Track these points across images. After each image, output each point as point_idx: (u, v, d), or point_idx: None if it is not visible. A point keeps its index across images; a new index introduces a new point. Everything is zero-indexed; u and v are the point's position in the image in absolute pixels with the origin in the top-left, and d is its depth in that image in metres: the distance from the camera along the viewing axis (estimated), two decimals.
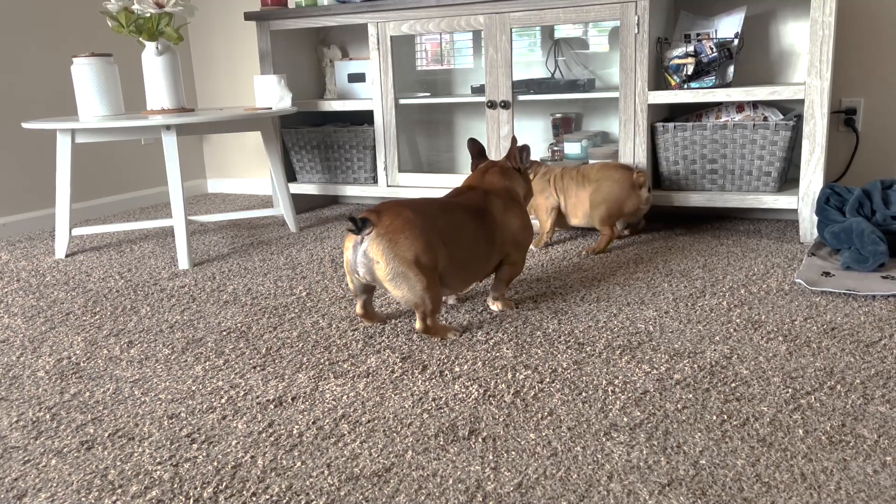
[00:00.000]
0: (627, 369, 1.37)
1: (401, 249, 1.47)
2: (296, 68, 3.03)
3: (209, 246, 2.52)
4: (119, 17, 2.30)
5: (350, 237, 1.52)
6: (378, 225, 1.47)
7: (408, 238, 1.47)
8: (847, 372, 1.32)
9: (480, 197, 1.67)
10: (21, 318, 1.83)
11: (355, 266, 1.51)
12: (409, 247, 1.47)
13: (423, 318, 1.54)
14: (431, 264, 1.50)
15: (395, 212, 1.49)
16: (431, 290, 1.50)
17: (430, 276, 1.49)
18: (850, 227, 1.90)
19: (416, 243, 1.48)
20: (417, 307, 1.52)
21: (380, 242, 1.46)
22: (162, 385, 1.39)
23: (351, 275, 1.55)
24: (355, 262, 1.51)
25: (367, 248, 1.48)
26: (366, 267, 1.49)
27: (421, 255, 1.48)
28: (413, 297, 1.50)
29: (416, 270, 1.47)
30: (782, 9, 2.46)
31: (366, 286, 1.58)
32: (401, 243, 1.47)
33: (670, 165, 2.40)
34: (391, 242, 1.46)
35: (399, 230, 1.47)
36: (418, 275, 1.48)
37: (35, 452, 1.16)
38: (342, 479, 1.05)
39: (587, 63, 2.75)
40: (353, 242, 1.51)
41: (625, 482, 1.01)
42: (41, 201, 2.97)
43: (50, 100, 2.99)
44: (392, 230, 1.47)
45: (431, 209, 1.55)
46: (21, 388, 1.41)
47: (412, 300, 1.50)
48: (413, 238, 1.48)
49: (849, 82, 2.48)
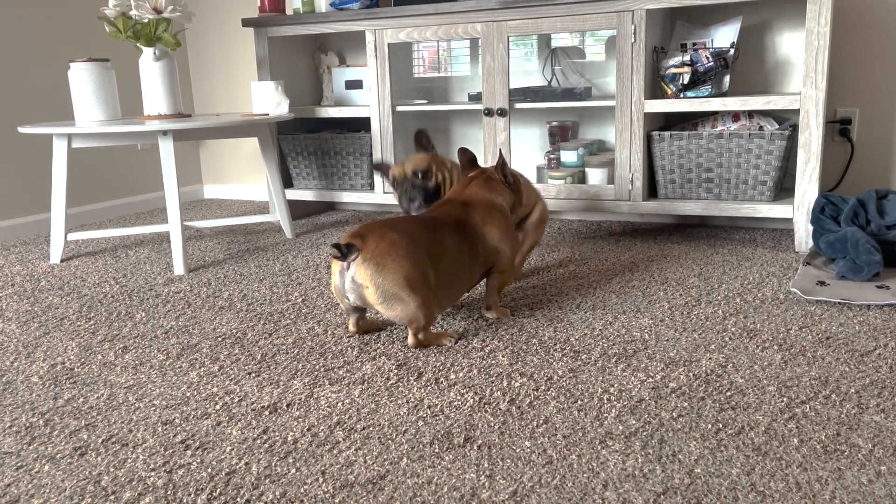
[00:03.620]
0: (623, 377, 1.37)
1: (389, 272, 1.46)
2: (293, 75, 3.03)
3: (205, 252, 2.52)
4: (117, 23, 2.30)
5: (336, 263, 1.51)
6: (364, 249, 1.46)
7: (395, 260, 1.46)
8: (842, 381, 1.32)
9: (458, 209, 1.67)
10: (15, 322, 1.82)
11: (344, 292, 1.51)
12: (397, 269, 1.46)
13: (415, 333, 1.53)
14: (422, 281, 1.49)
15: (378, 234, 1.48)
16: (425, 306, 1.50)
17: (422, 293, 1.49)
18: (844, 236, 1.91)
19: (404, 263, 1.47)
20: (411, 324, 1.51)
21: (367, 267, 1.46)
22: (156, 391, 1.39)
23: (340, 299, 1.55)
24: (343, 287, 1.50)
25: (355, 274, 1.47)
26: (355, 292, 1.49)
27: (410, 274, 1.47)
28: (407, 316, 1.49)
29: (407, 291, 1.47)
30: (778, 19, 2.47)
31: (357, 308, 1.58)
32: (388, 266, 1.46)
33: (666, 174, 2.40)
34: (378, 266, 1.45)
35: (385, 253, 1.46)
36: (410, 294, 1.47)
37: (28, 458, 1.16)
38: (337, 486, 1.05)
39: (584, 72, 2.76)
40: (339, 268, 1.50)
41: (620, 490, 1.01)
42: (37, 206, 2.97)
43: (47, 104, 2.98)
44: (378, 253, 1.46)
45: (413, 227, 1.55)
46: (15, 393, 1.40)
47: (405, 318, 1.50)
48: (400, 259, 1.47)
49: (844, 92, 2.49)
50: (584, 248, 2.37)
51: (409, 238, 1.51)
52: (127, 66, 3.30)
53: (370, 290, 1.46)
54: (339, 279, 1.51)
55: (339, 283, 1.51)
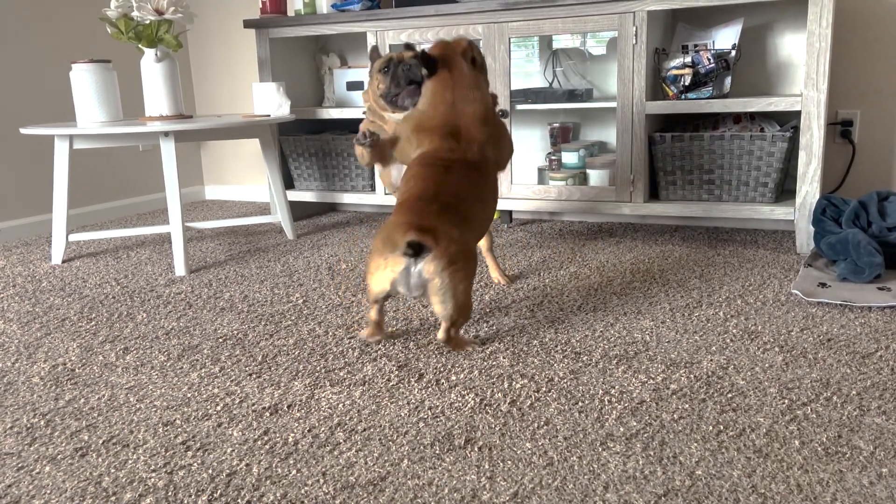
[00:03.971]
0: (624, 379, 1.37)
1: (459, 273, 1.48)
2: (294, 76, 3.03)
3: (206, 253, 2.52)
4: (118, 24, 2.31)
5: (399, 260, 1.48)
6: (436, 250, 1.46)
7: (466, 262, 1.49)
8: (843, 383, 1.32)
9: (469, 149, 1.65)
10: (16, 323, 1.82)
11: (408, 286, 1.49)
12: (466, 272, 1.50)
13: (450, 328, 1.53)
14: (473, 277, 1.53)
15: (448, 235, 1.48)
16: (470, 303, 1.54)
17: (471, 289, 1.53)
18: (846, 238, 1.90)
19: (471, 266, 1.51)
20: (455, 321, 1.52)
21: (439, 264, 1.46)
22: (157, 392, 1.39)
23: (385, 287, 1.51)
24: (404, 280, 1.48)
25: (424, 270, 1.46)
26: (419, 285, 1.48)
27: (472, 277, 1.52)
28: (456, 313, 1.50)
29: (466, 291, 1.50)
30: (779, 21, 2.47)
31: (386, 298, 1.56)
32: (459, 266, 1.48)
33: (667, 176, 2.40)
34: (450, 265, 1.46)
35: (456, 255, 1.48)
36: (466, 294, 1.50)
37: (29, 459, 1.16)
38: (337, 487, 1.05)
39: (585, 73, 2.76)
40: (403, 265, 1.47)
41: (621, 492, 1.01)
42: (38, 207, 2.97)
43: (48, 105, 2.99)
44: (451, 254, 1.47)
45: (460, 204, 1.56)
46: (16, 394, 1.40)
47: (454, 314, 1.50)
48: (469, 261, 1.51)
49: (845, 94, 2.49)
50: (585, 250, 2.37)
51: (465, 229, 1.54)
52: (129, 68, 3.31)
53: (436, 284, 1.47)
54: (401, 275, 1.48)
55: (399, 277, 1.48)
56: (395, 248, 1.47)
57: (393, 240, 1.47)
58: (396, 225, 1.49)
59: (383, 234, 1.51)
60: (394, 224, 1.50)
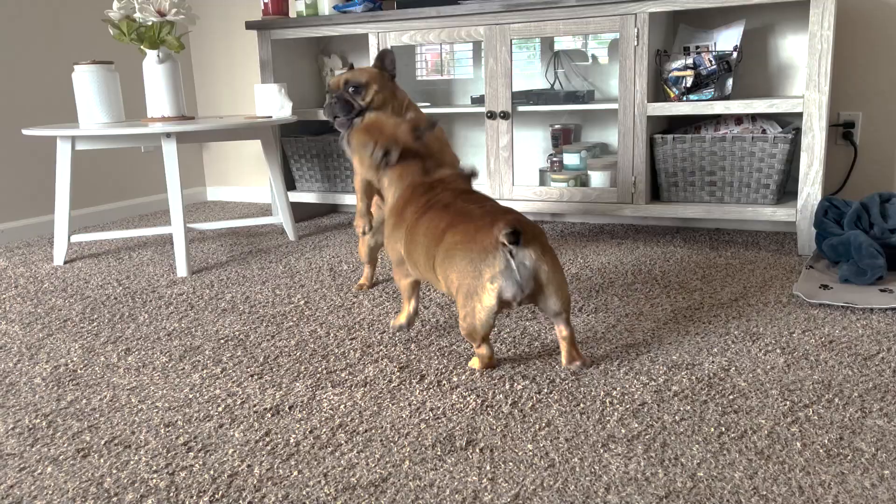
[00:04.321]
0: (625, 380, 1.37)
1: (549, 248, 1.38)
2: (296, 77, 3.04)
3: (208, 254, 2.52)
4: (121, 26, 2.31)
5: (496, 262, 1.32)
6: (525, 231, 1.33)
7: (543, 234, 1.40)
8: (845, 385, 1.32)
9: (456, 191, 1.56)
10: (18, 324, 1.83)
11: (519, 285, 1.33)
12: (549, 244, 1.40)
13: (568, 319, 1.41)
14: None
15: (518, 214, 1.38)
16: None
17: None
18: (848, 240, 1.90)
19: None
20: (568, 305, 1.40)
21: (537, 243, 1.34)
22: (159, 393, 1.39)
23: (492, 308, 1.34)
24: (515, 281, 1.32)
25: (530, 253, 1.33)
26: (532, 274, 1.33)
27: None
28: (568, 295, 1.39)
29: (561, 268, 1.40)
30: (781, 22, 2.47)
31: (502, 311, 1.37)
32: (546, 242, 1.38)
33: (669, 177, 2.40)
34: (542, 237, 1.37)
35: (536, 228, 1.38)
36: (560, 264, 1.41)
37: (31, 460, 1.16)
38: (339, 488, 1.05)
39: (587, 75, 2.76)
40: (503, 263, 1.32)
41: (622, 494, 1.01)
42: (40, 208, 2.97)
43: (50, 106, 2.99)
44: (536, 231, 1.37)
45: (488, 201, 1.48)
46: (18, 394, 1.41)
47: (566, 299, 1.38)
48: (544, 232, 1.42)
49: (847, 96, 2.49)
50: (587, 251, 2.37)
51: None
52: (131, 69, 3.31)
53: (547, 263, 1.34)
54: (502, 272, 1.32)
55: (502, 282, 1.32)
56: (487, 251, 1.33)
57: (483, 244, 1.33)
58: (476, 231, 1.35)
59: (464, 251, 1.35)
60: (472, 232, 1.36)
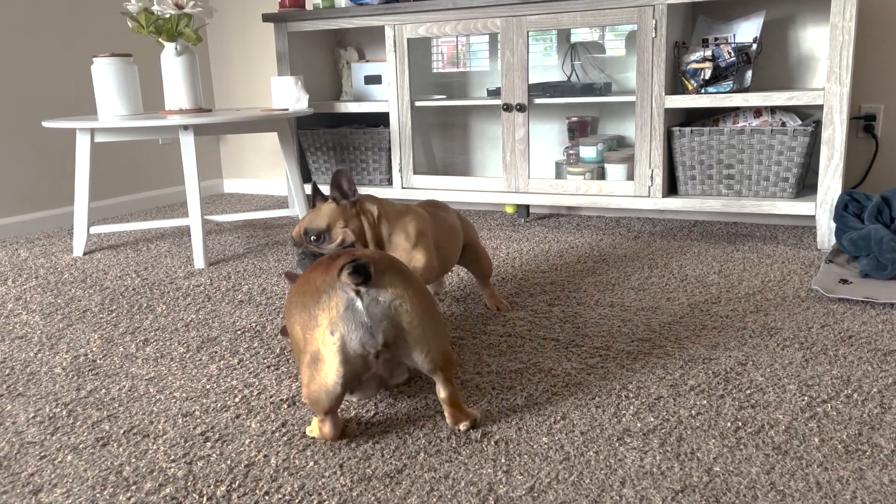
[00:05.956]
0: (641, 374, 1.36)
1: (417, 282, 1.10)
2: (312, 70, 3.04)
3: (225, 245, 2.54)
4: (139, 18, 2.32)
5: (335, 293, 1.05)
6: (377, 263, 1.09)
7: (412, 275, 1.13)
8: (864, 380, 1.31)
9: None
10: (39, 314, 1.85)
11: (367, 322, 1.05)
12: (419, 283, 1.12)
13: (449, 379, 1.14)
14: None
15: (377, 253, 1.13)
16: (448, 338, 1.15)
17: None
18: (868, 234, 1.88)
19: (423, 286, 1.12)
20: (447, 364, 1.12)
21: (392, 274, 1.08)
22: (177, 383, 1.40)
23: (348, 352, 1.05)
24: (365, 320, 1.05)
25: (381, 291, 1.06)
26: (388, 315, 1.06)
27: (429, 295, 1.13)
28: (445, 349, 1.12)
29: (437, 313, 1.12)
30: (802, 13, 2.44)
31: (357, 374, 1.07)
32: (413, 279, 1.10)
33: (686, 170, 2.39)
34: (407, 274, 1.10)
35: (400, 263, 1.13)
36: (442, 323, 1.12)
37: (51, 448, 1.17)
38: (354, 479, 1.05)
39: (604, 67, 2.74)
40: (346, 297, 1.05)
41: (637, 488, 1.01)
42: (60, 199, 3.00)
43: (70, 99, 3.02)
44: (396, 263, 1.11)
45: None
46: (38, 384, 1.42)
47: (442, 353, 1.11)
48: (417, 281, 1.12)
49: (868, 88, 2.46)
50: (603, 245, 2.36)
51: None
52: (149, 62, 3.33)
53: (412, 301, 1.07)
54: (346, 316, 1.04)
55: (346, 320, 1.04)
56: (321, 290, 1.06)
57: (316, 283, 1.07)
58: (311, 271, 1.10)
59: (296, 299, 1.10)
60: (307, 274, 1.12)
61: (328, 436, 1.14)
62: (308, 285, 1.09)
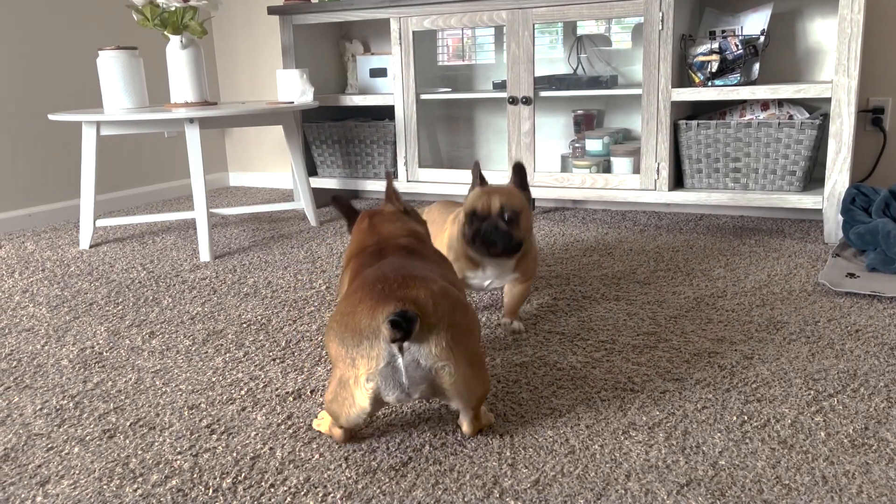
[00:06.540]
0: (647, 368, 1.36)
1: (465, 334, 1.04)
2: (318, 63, 3.04)
3: (230, 239, 2.54)
4: (144, 11, 2.32)
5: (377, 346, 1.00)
6: (425, 314, 1.01)
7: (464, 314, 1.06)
8: (871, 375, 1.30)
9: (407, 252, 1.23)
10: (46, 307, 1.86)
11: (405, 387, 1.02)
12: (468, 326, 1.06)
13: (477, 415, 1.13)
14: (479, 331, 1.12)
15: (426, 288, 1.04)
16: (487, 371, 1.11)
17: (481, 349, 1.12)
18: (875, 228, 1.87)
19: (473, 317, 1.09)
20: (481, 402, 1.10)
21: (441, 336, 1.01)
22: (183, 376, 1.41)
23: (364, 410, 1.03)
24: (403, 381, 1.01)
25: (424, 352, 1.00)
26: (427, 378, 1.02)
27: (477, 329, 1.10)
28: (483, 391, 1.08)
29: (481, 355, 1.08)
30: (810, 6, 2.43)
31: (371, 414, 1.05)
32: (462, 325, 1.04)
33: (693, 164, 2.38)
34: (455, 328, 1.03)
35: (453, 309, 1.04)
36: (483, 361, 1.09)
37: (58, 440, 1.18)
38: (360, 472, 1.06)
39: (610, 59, 2.73)
40: (388, 353, 1.00)
41: (643, 481, 1.01)
42: (66, 192, 3.01)
43: (76, 92, 3.02)
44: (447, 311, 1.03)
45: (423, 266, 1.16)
46: (45, 376, 1.43)
47: (479, 398, 1.08)
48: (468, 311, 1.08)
49: (877, 81, 2.44)
50: (609, 238, 2.35)
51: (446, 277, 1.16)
52: (154, 55, 3.33)
53: (449, 370, 1.01)
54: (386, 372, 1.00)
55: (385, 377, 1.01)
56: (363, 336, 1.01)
57: (358, 326, 1.01)
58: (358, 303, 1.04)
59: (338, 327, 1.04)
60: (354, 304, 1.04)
61: (338, 439, 1.14)
62: (353, 319, 1.02)
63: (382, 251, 1.23)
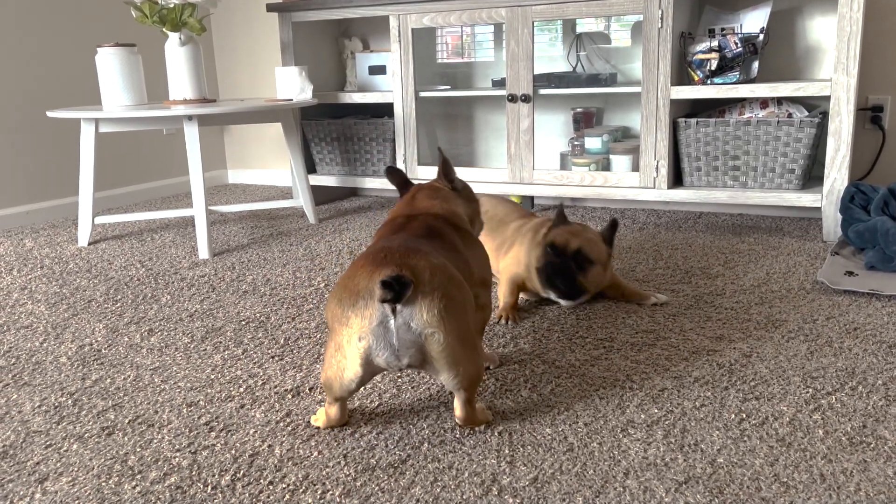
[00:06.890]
0: (645, 366, 1.36)
1: (458, 308, 1.07)
2: (317, 60, 3.03)
3: (229, 236, 2.54)
4: (143, 8, 2.32)
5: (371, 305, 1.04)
6: (420, 281, 1.05)
7: (461, 292, 1.09)
8: (869, 373, 1.30)
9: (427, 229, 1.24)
10: (44, 304, 1.85)
11: (395, 349, 1.04)
12: (462, 302, 1.09)
13: (470, 399, 1.13)
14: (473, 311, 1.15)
15: (426, 258, 1.08)
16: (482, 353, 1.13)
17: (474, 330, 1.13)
18: (874, 226, 1.87)
19: (465, 292, 1.10)
20: (472, 385, 1.11)
21: (433, 303, 1.04)
22: (181, 373, 1.41)
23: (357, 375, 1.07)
24: (394, 342, 1.04)
25: (414, 317, 1.03)
26: (416, 343, 1.04)
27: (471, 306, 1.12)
28: (474, 373, 1.09)
29: (474, 337, 1.11)
30: (809, 4, 2.42)
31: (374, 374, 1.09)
32: (456, 299, 1.07)
33: (692, 162, 2.38)
34: (448, 300, 1.05)
35: (448, 282, 1.07)
36: (477, 341, 1.11)
37: (57, 437, 1.18)
38: (358, 469, 1.06)
39: (609, 57, 2.73)
40: (381, 313, 1.04)
41: (641, 479, 1.01)
42: (65, 189, 3.01)
43: (74, 89, 3.02)
44: (442, 284, 1.06)
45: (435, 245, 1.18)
46: (44, 373, 1.43)
47: (471, 377, 1.09)
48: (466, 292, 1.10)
49: (876, 79, 2.44)
50: None
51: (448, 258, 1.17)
52: (153, 52, 3.33)
53: (438, 338, 1.04)
54: (379, 332, 1.04)
55: (380, 337, 1.04)
56: (359, 296, 1.05)
57: (356, 287, 1.05)
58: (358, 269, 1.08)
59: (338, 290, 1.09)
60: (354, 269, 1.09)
61: (334, 419, 1.16)
62: (352, 281, 1.07)
63: (405, 225, 1.25)
